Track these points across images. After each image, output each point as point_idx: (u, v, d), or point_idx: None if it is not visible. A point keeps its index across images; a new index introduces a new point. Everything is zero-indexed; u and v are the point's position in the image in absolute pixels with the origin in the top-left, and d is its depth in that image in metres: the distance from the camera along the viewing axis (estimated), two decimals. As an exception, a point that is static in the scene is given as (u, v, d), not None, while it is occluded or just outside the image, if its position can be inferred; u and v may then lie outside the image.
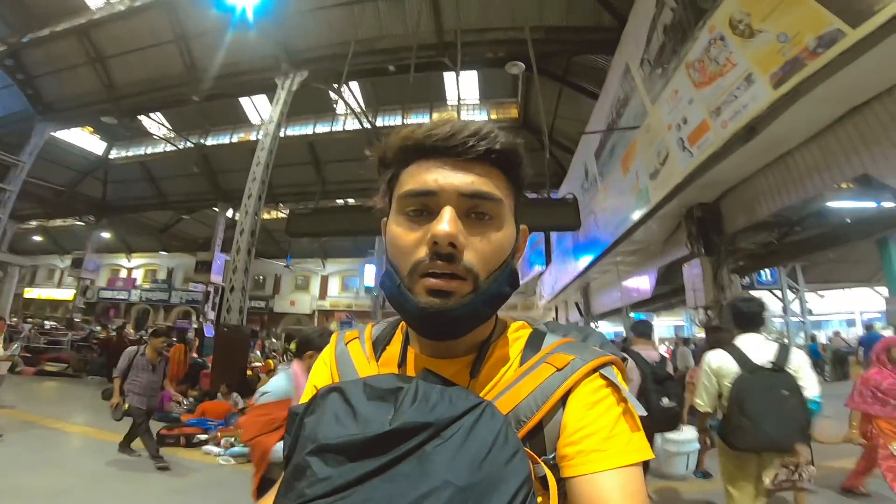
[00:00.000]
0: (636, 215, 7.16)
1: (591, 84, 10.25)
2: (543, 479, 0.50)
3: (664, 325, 21.01)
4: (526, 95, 12.74)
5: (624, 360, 0.60)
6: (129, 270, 27.67)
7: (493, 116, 14.52)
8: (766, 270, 9.44)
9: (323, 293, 25.07)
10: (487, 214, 0.54)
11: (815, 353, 10.97)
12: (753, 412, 2.53)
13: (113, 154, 18.94)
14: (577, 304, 13.59)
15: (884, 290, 9.41)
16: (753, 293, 13.76)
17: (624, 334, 10.56)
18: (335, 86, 11.51)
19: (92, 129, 17.43)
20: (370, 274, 20.70)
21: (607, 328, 16.60)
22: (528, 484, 0.44)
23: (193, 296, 24.62)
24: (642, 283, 9.40)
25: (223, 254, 17.28)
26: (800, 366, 2.63)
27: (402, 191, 0.55)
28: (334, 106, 15.51)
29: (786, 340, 5.78)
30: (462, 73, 12.12)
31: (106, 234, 21.92)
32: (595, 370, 0.55)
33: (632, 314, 12.79)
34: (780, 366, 2.61)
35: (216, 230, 18.01)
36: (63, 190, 18.34)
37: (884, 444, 3.73)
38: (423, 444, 0.44)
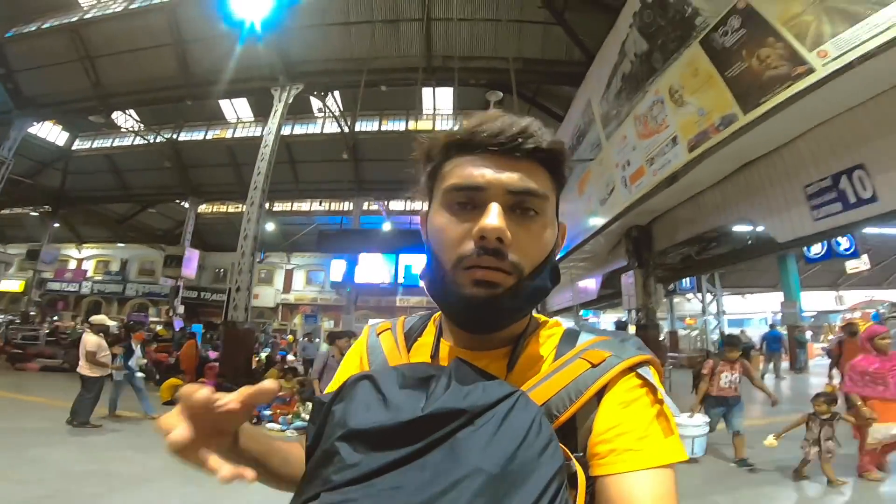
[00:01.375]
0: (588, 231, 8.68)
1: (557, 107, 11.76)
2: (572, 477, 0.48)
3: (610, 320, 23.33)
4: (498, 105, 14.10)
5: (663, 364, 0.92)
6: (80, 261, 26.76)
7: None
8: (686, 279, 11.42)
9: (287, 287, 25.48)
10: (533, 210, 0.55)
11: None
12: None
13: (76, 145, 18.62)
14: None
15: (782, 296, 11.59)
16: (686, 296, 16.06)
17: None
18: (321, 93, 12.41)
19: (54, 120, 17.14)
20: (338, 269, 21.40)
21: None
22: (561, 475, 0.44)
23: (151, 288, 24.34)
24: (590, 286, 11.05)
25: (194, 249, 17.59)
26: None
27: (448, 184, 0.56)
28: (318, 112, 16.20)
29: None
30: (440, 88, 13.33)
31: (55, 224, 21.29)
32: (631, 369, 0.55)
33: (581, 312, 14.54)
34: None
35: (186, 225, 18.16)
36: (21, 180, 17.84)
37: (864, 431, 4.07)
38: (455, 431, 0.43)
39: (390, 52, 11.13)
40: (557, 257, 0.62)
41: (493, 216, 0.51)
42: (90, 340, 5.92)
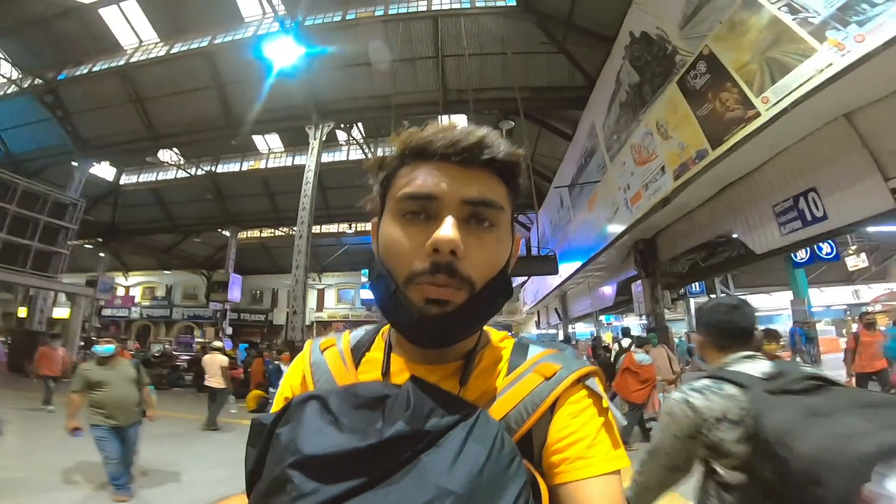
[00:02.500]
0: (599, 245, 9.59)
1: (566, 127, 12.74)
2: (535, 486, 0.50)
3: (629, 323, 23.97)
4: (510, 133, 15.19)
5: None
6: (127, 288, 28.90)
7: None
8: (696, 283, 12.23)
9: (320, 305, 26.97)
10: (487, 222, 0.55)
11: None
12: None
13: (123, 180, 20.52)
14: (556, 310, 16.05)
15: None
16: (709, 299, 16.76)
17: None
18: (348, 126, 13.74)
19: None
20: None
21: (583, 329, 19.09)
22: (527, 489, 0.45)
23: (195, 311, 26.14)
24: (607, 293, 11.90)
25: (237, 275, 19.14)
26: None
27: (402, 193, 0.54)
28: (343, 141, 17.59)
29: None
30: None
31: (102, 254, 23.20)
32: (579, 380, 0.57)
33: (602, 317, 15.32)
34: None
35: (228, 252, 19.74)
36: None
37: None
38: (418, 453, 0.43)
39: (409, 87, 12.37)
40: (509, 270, 0.59)
41: (448, 227, 0.51)
42: (223, 359, 7.38)
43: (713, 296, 15.25)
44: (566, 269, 12.38)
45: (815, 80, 4.15)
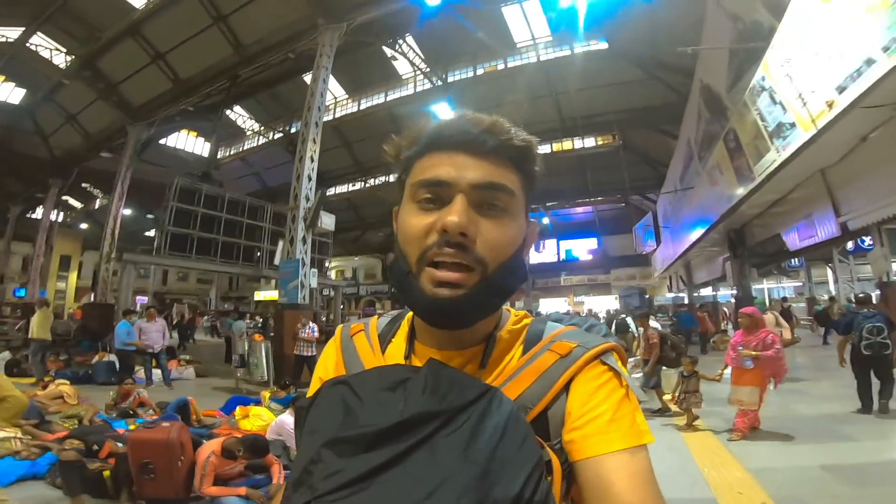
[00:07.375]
0: (702, 230, 12.89)
1: (671, 127, 15.73)
2: (549, 464, 0.54)
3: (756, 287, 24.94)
4: (623, 147, 18.24)
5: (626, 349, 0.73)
6: (326, 271, 38.46)
7: (600, 141, 20.38)
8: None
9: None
10: (499, 206, 0.58)
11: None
12: None
13: (329, 192, 28.39)
14: (680, 277, 19.18)
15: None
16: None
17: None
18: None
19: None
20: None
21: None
22: (540, 468, 0.48)
23: (375, 288, 34.28)
24: (718, 265, 15.11)
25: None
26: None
27: (415, 180, 0.59)
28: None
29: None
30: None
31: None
32: (596, 357, 0.60)
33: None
34: None
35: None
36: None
37: None
38: (435, 432, 0.47)
39: (534, 120, 16.52)
40: (526, 256, 0.64)
41: (456, 211, 0.55)
42: None
43: (830, 265, 16.82)
44: (683, 242, 15.66)
45: (771, 167, 7.56)
